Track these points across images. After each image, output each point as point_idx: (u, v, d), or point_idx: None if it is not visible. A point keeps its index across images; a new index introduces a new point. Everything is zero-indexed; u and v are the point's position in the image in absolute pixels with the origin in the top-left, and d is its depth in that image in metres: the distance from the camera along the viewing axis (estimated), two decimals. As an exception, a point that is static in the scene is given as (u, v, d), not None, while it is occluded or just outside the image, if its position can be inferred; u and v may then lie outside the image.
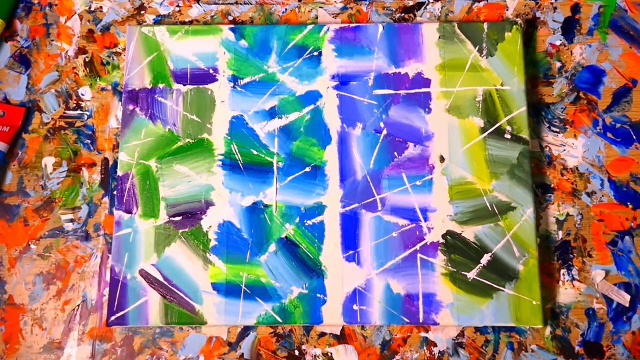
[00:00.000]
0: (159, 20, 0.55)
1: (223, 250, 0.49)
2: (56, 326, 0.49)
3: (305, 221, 0.49)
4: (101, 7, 0.55)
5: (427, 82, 0.51)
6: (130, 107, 0.51)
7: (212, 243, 0.49)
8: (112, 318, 0.47)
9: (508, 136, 0.50)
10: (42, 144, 0.52)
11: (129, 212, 0.49)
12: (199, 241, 0.49)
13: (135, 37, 0.53)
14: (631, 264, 0.49)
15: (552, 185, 0.51)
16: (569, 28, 0.54)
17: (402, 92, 0.51)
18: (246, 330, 0.49)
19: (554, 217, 0.50)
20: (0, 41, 0.55)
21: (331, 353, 0.48)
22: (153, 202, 0.50)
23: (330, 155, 0.50)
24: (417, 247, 0.48)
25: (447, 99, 0.51)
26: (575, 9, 0.55)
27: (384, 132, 0.51)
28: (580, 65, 0.53)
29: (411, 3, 0.55)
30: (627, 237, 0.50)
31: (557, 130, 0.52)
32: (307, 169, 0.50)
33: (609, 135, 0.52)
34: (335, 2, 0.55)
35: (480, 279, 0.48)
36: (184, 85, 0.52)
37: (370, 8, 0.55)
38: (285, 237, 0.49)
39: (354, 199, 0.49)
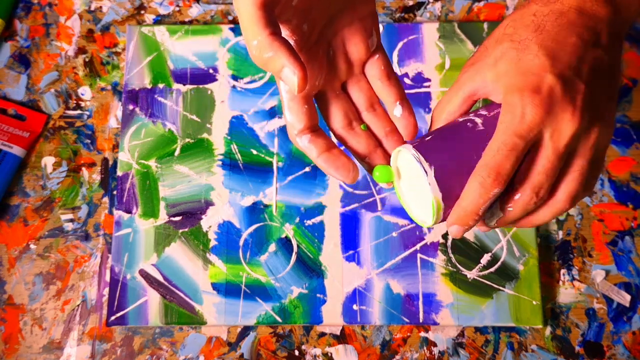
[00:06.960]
0: (159, 20, 0.55)
1: (223, 250, 0.49)
2: (56, 326, 0.49)
3: (305, 221, 0.49)
4: (101, 7, 0.55)
5: (427, 82, 0.51)
6: (130, 107, 0.51)
7: (212, 243, 0.49)
8: (112, 318, 0.47)
9: (508, 136, 0.50)
10: (42, 144, 0.52)
11: (129, 212, 0.49)
12: (199, 241, 0.49)
13: (135, 37, 0.53)
14: (631, 264, 0.49)
15: (552, 185, 0.51)
16: (569, 28, 0.54)
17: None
18: (246, 330, 0.49)
19: (554, 217, 0.50)
20: (0, 41, 0.55)
21: (331, 353, 0.48)
22: (153, 202, 0.50)
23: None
24: (417, 247, 0.48)
25: (447, 99, 0.51)
26: (576, 8, 0.55)
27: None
28: (581, 65, 0.53)
29: (411, 3, 0.55)
30: (627, 237, 0.50)
31: (557, 130, 0.52)
32: (307, 169, 0.50)
33: (609, 135, 0.52)
34: (335, 2, 0.55)
35: (480, 279, 0.48)
36: (184, 85, 0.52)
37: (370, 8, 0.55)
38: (285, 237, 0.49)
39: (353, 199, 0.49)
